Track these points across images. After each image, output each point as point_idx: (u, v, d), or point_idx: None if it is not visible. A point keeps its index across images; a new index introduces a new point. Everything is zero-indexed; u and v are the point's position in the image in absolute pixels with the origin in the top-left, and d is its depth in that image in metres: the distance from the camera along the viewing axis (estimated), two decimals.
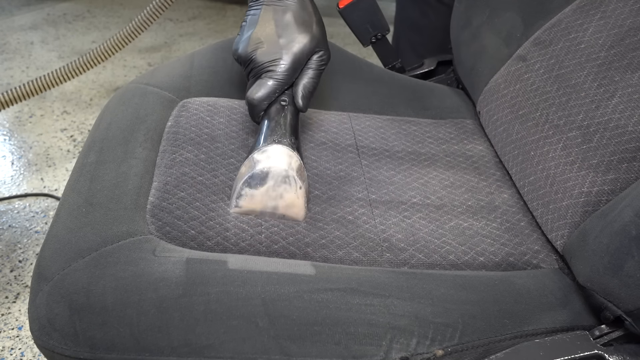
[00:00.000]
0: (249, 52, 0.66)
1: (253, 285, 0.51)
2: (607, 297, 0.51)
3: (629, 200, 0.52)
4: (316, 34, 0.68)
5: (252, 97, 0.66)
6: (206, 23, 2.43)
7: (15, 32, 2.19)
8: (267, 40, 0.67)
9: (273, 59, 0.66)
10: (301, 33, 0.67)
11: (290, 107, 0.68)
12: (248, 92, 0.66)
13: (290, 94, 0.68)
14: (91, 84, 1.88)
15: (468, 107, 0.89)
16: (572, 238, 0.58)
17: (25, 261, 1.19)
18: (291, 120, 0.67)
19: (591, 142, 0.60)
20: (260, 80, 0.66)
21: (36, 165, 1.47)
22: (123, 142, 0.68)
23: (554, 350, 0.51)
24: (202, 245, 0.57)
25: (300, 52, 0.67)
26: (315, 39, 0.68)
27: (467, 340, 0.51)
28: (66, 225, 0.58)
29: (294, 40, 0.67)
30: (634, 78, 0.59)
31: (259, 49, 0.66)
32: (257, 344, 0.48)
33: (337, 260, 0.59)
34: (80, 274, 0.51)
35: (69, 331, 0.49)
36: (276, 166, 0.60)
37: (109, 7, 2.51)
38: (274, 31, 0.67)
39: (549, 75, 0.69)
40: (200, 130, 0.72)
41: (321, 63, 0.69)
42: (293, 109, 0.68)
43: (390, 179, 0.71)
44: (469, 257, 0.61)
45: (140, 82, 0.80)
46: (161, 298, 0.49)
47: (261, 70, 0.66)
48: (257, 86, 0.66)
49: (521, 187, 0.69)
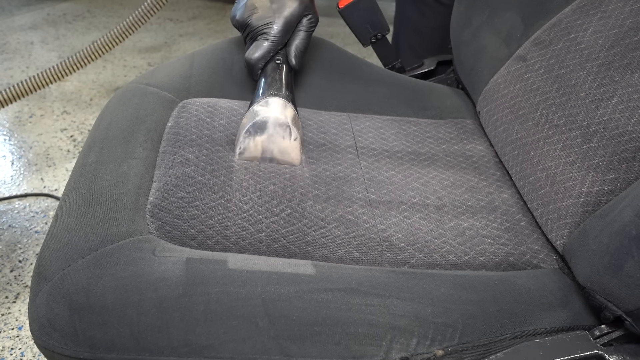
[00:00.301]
0: (245, 18, 0.75)
1: (253, 285, 0.51)
2: (607, 297, 0.51)
3: (629, 200, 0.52)
4: None
5: (250, 57, 0.74)
6: (206, 23, 2.43)
7: (15, 32, 2.19)
8: (260, 6, 0.75)
9: (266, 23, 0.74)
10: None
11: (284, 65, 0.76)
12: (246, 54, 0.75)
13: (284, 53, 0.77)
14: (91, 84, 1.88)
15: (468, 107, 0.89)
16: (572, 238, 0.58)
17: (25, 261, 1.19)
18: (286, 76, 0.75)
19: (591, 142, 0.60)
20: (256, 42, 0.74)
21: (36, 165, 1.47)
22: (123, 142, 0.68)
23: (554, 350, 0.51)
24: (202, 245, 0.57)
25: (291, 15, 0.74)
26: (304, 4, 0.76)
27: (467, 340, 0.51)
28: (66, 225, 0.58)
29: (285, 5, 0.75)
30: (634, 78, 0.59)
31: (254, 14, 0.75)
32: (257, 344, 0.48)
33: (338, 260, 0.59)
34: (80, 274, 0.51)
35: (69, 331, 0.49)
36: (274, 115, 0.68)
37: (109, 7, 2.51)
38: None
39: (549, 75, 0.69)
40: (200, 132, 0.72)
41: (310, 25, 0.77)
42: (287, 67, 0.76)
43: (390, 179, 0.71)
44: (469, 257, 0.61)
45: (140, 82, 0.80)
46: (161, 298, 0.49)
47: (257, 33, 0.74)
48: (254, 47, 0.74)
49: (521, 187, 0.69)
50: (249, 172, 0.67)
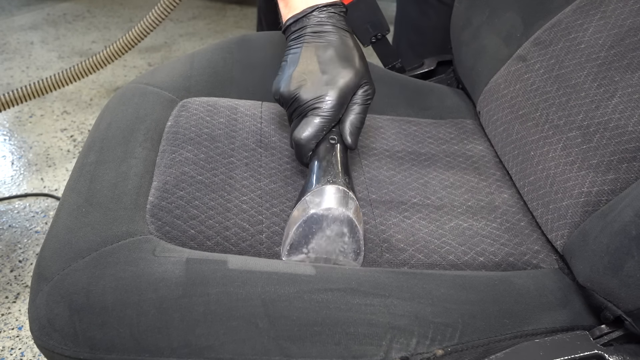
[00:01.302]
0: (292, 91, 0.64)
1: (253, 285, 0.51)
2: (607, 297, 0.51)
3: (629, 200, 0.52)
4: (360, 68, 0.66)
5: (300, 137, 0.63)
6: (206, 23, 2.43)
7: (15, 32, 2.19)
8: (310, 78, 0.64)
9: (318, 96, 0.63)
10: (345, 68, 0.65)
11: (339, 145, 0.65)
12: (294, 133, 0.64)
13: (338, 131, 0.66)
14: (91, 84, 1.88)
15: (468, 107, 0.89)
16: (572, 238, 0.58)
17: (25, 261, 1.19)
18: (342, 158, 0.64)
19: (591, 142, 0.60)
20: (306, 119, 0.64)
21: (36, 165, 1.47)
22: (123, 142, 0.68)
23: (554, 350, 0.51)
24: (202, 245, 0.57)
25: (346, 87, 0.64)
26: (360, 73, 0.66)
27: (467, 340, 0.51)
28: (66, 225, 0.58)
29: (338, 75, 0.64)
30: (634, 78, 0.59)
31: (303, 86, 0.64)
32: (257, 344, 0.48)
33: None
34: (80, 274, 0.51)
35: (69, 331, 0.49)
36: (334, 209, 0.57)
37: (109, 7, 2.51)
38: (317, 68, 0.65)
39: (549, 75, 0.68)
40: (200, 130, 0.72)
41: (367, 97, 0.66)
42: (342, 146, 0.65)
43: (390, 179, 0.71)
44: (469, 257, 0.61)
45: (140, 82, 0.80)
46: (161, 298, 0.49)
47: (307, 108, 0.64)
48: (303, 125, 0.63)
49: (521, 187, 0.69)
50: (249, 170, 0.67)
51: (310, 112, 0.64)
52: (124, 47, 1.17)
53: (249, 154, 0.70)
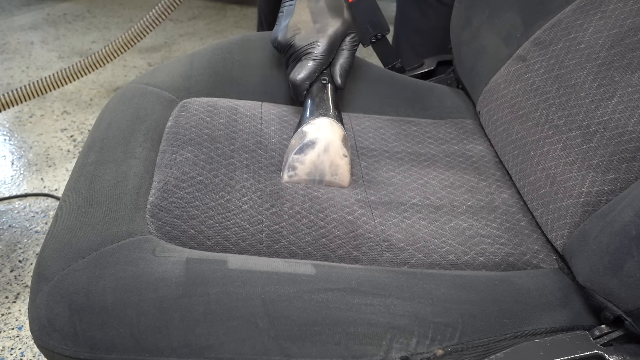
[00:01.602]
0: (288, 39, 0.74)
1: (253, 285, 0.51)
2: (607, 297, 0.51)
3: (629, 200, 0.52)
4: (347, 18, 0.75)
5: (295, 79, 0.73)
6: (206, 23, 2.43)
7: (15, 32, 2.19)
8: (303, 27, 0.74)
9: (310, 43, 0.73)
10: (334, 18, 0.74)
11: (330, 85, 0.74)
12: (291, 75, 0.73)
13: (329, 73, 0.75)
14: (91, 84, 1.88)
15: (468, 107, 0.89)
16: (572, 238, 0.58)
17: (25, 261, 1.19)
18: (332, 96, 0.73)
19: (591, 142, 0.60)
20: (300, 63, 0.73)
21: (36, 165, 1.47)
22: (123, 142, 0.68)
23: (554, 350, 0.51)
24: (201, 245, 0.57)
25: (335, 34, 0.74)
26: (347, 23, 0.75)
27: (467, 340, 0.51)
28: (66, 225, 0.58)
29: (328, 24, 0.74)
30: (634, 78, 0.59)
31: (297, 34, 0.74)
32: (257, 344, 0.48)
33: (338, 259, 0.59)
34: (80, 274, 0.51)
35: (69, 331, 0.49)
36: (324, 136, 0.66)
37: (109, 7, 2.51)
38: (310, 18, 0.74)
39: (549, 75, 0.69)
40: (200, 131, 0.72)
41: (354, 44, 0.76)
42: (332, 86, 0.75)
43: (389, 180, 0.71)
44: (469, 257, 0.61)
45: (140, 82, 0.80)
46: (161, 298, 0.49)
47: (301, 53, 0.73)
48: (298, 68, 0.73)
49: (521, 187, 0.69)
50: (249, 171, 0.67)
51: (304, 56, 0.73)
52: (124, 45, 1.17)
53: (249, 155, 0.70)
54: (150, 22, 1.14)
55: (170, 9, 1.12)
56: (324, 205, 0.65)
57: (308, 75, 0.73)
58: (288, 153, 0.68)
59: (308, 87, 0.73)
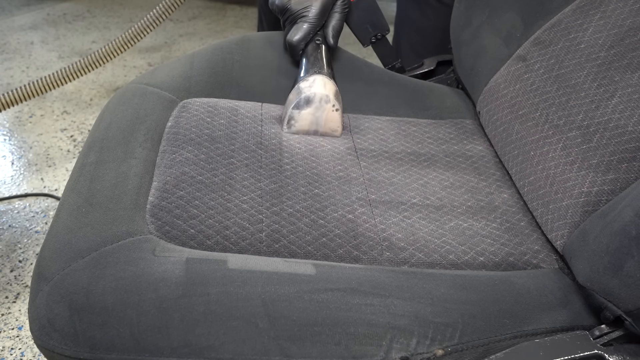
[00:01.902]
0: (285, 2, 0.81)
1: (253, 285, 0.51)
2: (607, 297, 0.51)
3: (629, 200, 0.52)
4: None
5: (292, 39, 0.80)
6: (206, 23, 2.43)
7: (15, 32, 2.19)
8: None
9: (305, 7, 0.80)
10: None
11: (324, 45, 0.82)
12: (287, 36, 0.81)
13: (322, 34, 0.83)
14: (91, 84, 1.88)
15: (468, 107, 0.89)
16: (572, 238, 0.58)
17: (25, 261, 1.19)
18: (326, 55, 0.81)
19: (591, 142, 0.60)
20: (296, 25, 0.81)
21: (36, 165, 1.47)
22: (123, 142, 0.68)
23: (554, 350, 0.51)
24: (201, 245, 0.57)
25: None
26: None
27: (467, 340, 0.51)
28: (66, 225, 0.58)
29: None
30: (634, 78, 0.59)
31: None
32: (257, 344, 0.48)
33: (338, 258, 0.59)
34: (80, 274, 0.51)
35: (69, 331, 0.49)
36: (318, 91, 0.75)
37: (109, 7, 2.51)
38: None
39: (549, 75, 0.69)
40: (200, 131, 0.72)
41: (344, 7, 0.84)
42: (326, 46, 0.83)
43: (389, 180, 0.71)
44: (469, 257, 0.61)
45: (140, 82, 0.80)
46: (161, 298, 0.49)
47: (296, 16, 0.81)
48: (294, 30, 0.81)
49: (521, 187, 0.69)
50: (249, 171, 0.67)
51: (299, 19, 0.81)
52: (124, 44, 1.17)
53: (249, 155, 0.70)
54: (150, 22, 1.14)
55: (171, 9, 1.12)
56: (324, 204, 0.65)
57: (303, 37, 0.80)
58: (287, 107, 0.76)
59: (303, 47, 0.81)
